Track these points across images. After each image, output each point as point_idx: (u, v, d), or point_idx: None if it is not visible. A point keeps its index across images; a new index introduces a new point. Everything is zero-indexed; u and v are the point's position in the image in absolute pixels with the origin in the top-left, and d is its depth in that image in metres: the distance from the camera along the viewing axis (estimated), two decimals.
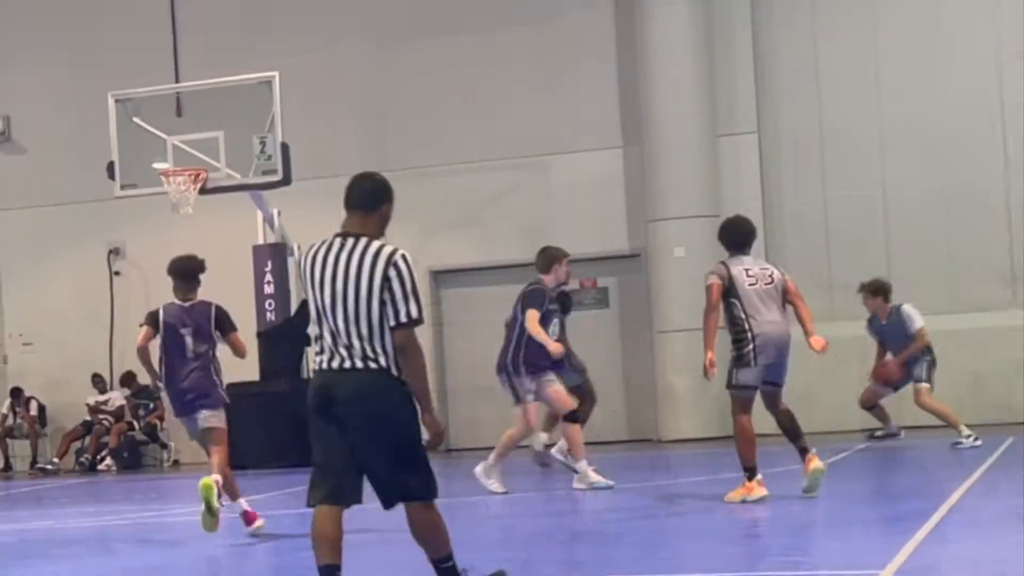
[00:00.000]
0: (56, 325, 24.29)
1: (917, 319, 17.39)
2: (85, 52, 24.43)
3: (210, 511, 11.63)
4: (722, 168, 21.74)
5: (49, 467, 23.50)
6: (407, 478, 7.54)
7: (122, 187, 20.74)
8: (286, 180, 19.93)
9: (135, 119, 20.46)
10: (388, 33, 23.23)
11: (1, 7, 25.17)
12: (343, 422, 7.48)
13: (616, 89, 22.40)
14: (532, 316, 14.21)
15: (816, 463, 12.20)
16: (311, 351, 7.80)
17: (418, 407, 7.52)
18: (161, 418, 23.11)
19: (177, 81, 22.13)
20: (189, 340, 12.39)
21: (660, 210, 21.65)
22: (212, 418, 12.27)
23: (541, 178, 22.63)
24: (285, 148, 19.79)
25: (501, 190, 22.76)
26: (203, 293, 18.02)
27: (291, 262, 21.51)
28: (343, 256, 7.54)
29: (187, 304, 12.51)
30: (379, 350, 7.47)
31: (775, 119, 21.89)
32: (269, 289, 21.38)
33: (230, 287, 21.64)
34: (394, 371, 7.49)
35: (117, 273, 24.43)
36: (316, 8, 23.53)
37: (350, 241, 7.63)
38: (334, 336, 7.52)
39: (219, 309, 12.65)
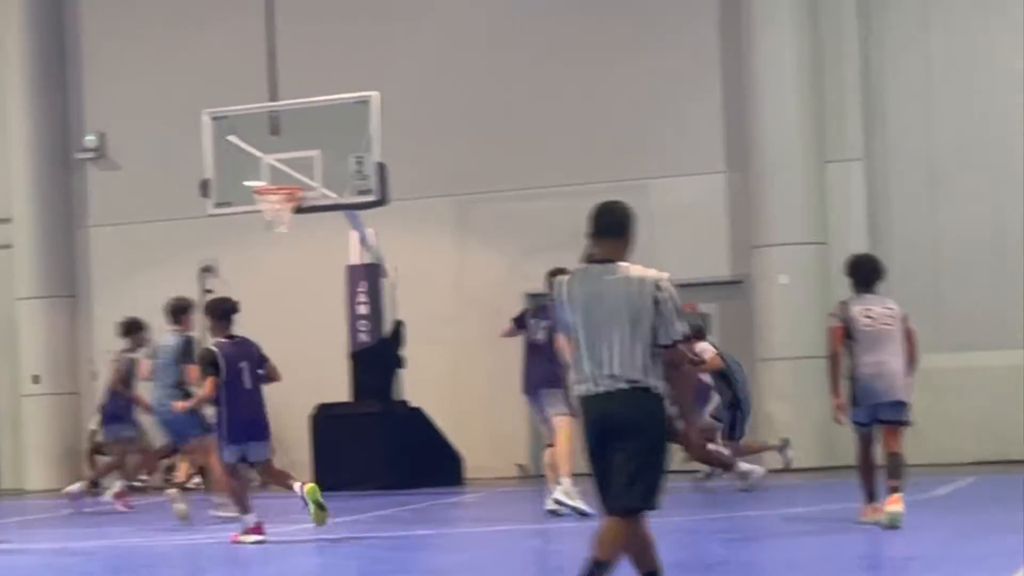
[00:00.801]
0: None
1: None
2: (181, 69, 24.66)
3: (321, 507, 13.15)
4: (828, 195, 21.61)
5: (136, 484, 23.68)
6: (644, 489, 7.97)
7: (216, 205, 20.95)
8: (382, 200, 20.06)
9: (230, 137, 20.65)
10: (490, 54, 23.27)
11: (97, 24, 25.51)
12: (618, 441, 7.96)
13: (721, 113, 22.33)
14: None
15: (896, 507, 12.51)
16: (404, 373, 8.05)
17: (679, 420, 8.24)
18: None
19: (273, 99, 22.13)
20: (247, 374, 13.83)
21: (764, 236, 21.58)
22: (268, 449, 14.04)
23: (641, 201, 22.45)
24: (382, 168, 19.95)
25: None
26: (296, 311, 18.29)
27: (385, 283, 21.70)
28: (609, 281, 8.24)
29: (236, 340, 14.02)
30: (642, 369, 8.00)
31: (884, 145, 21.70)
32: (363, 310, 21.44)
33: (322, 307, 22.08)
34: (653, 388, 8.03)
35: (209, 291, 24.64)
36: (416, 28, 23.65)
37: (611, 266, 8.35)
38: (601, 360, 8.04)
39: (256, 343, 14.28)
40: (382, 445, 20.12)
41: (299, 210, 20.24)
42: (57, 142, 25.55)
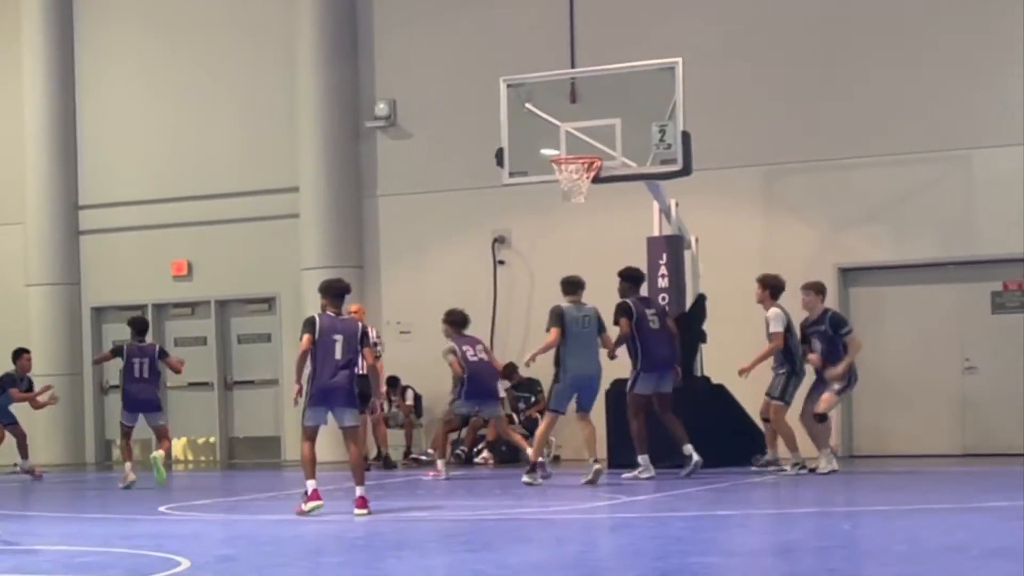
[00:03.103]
0: (435, 315, 25.03)
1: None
2: (474, 35, 25.21)
3: None
4: None
5: (423, 458, 24.36)
6: None
7: (510, 174, 21.29)
8: (686, 170, 20.20)
9: (527, 105, 21.03)
10: (801, 18, 23.34)
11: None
12: None
13: None
14: None
15: None
16: (705, 348, 8.18)
17: None
18: (542, 411, 23.69)
19: (572, 66, 22.67)
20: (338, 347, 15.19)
21: None
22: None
23: (962, 173, 22.57)
24: (686, 137, 20.09)
25: (918, 185, 22.70)
26: (593, 285, 18.69)
27: (687, 255, 21.92)
28: None
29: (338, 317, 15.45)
30: None
31: None
32: (663, 283, 21.58)
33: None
34: None
35: (501, 262, 25.21)
36: None
37: None
38: None
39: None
40: (681, 422, 20.20)
41: (597, 180, 20.45)
42: (347, 111, 26.20)
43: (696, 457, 18.34)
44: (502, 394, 21.28)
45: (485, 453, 24.07)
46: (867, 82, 22.91)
